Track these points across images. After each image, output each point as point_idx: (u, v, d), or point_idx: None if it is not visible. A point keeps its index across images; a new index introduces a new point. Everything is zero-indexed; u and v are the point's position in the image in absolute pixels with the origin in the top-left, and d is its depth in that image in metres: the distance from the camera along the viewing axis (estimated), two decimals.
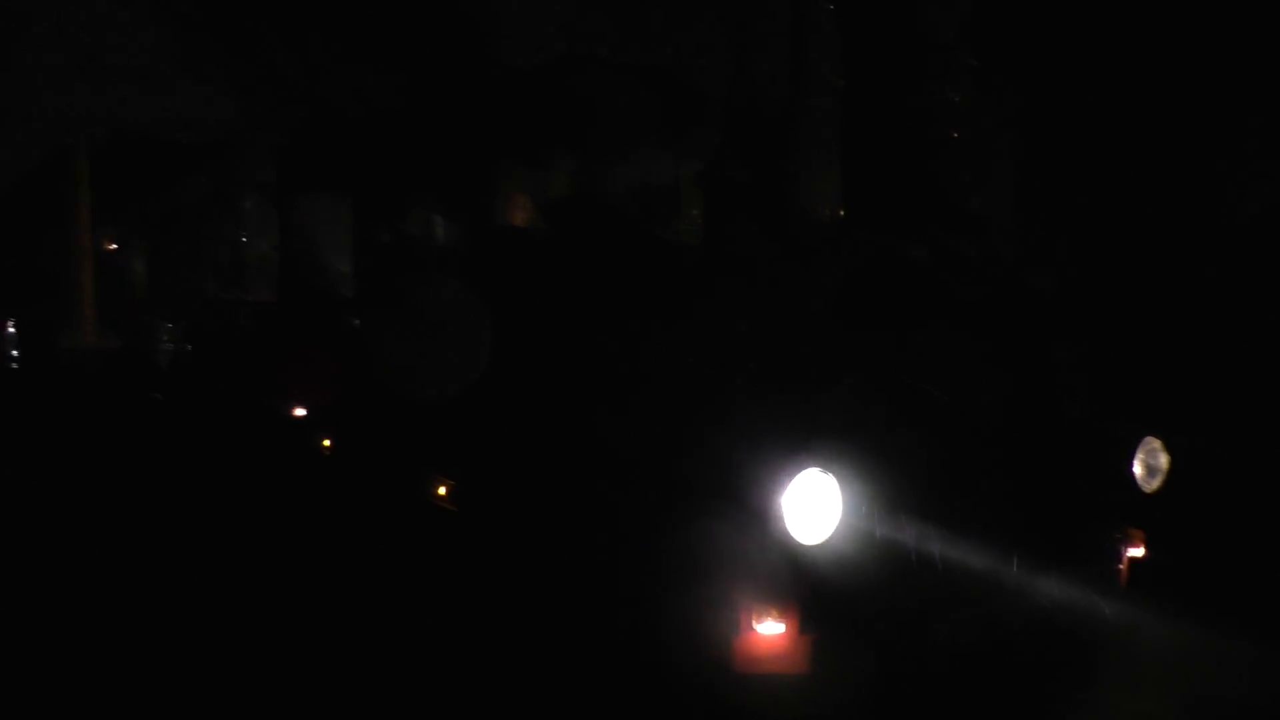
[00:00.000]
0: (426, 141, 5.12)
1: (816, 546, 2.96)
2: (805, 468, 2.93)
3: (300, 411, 8.27)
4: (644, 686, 3.30)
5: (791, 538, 2.93)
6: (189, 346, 11.65)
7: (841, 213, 3.68)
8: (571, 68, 5.18)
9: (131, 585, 5.47)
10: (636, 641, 3.38)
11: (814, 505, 2.93)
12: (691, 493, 3.15)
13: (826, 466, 2.96)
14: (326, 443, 6.51)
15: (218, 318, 10.17)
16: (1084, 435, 3.73)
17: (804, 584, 2.96)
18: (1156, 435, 3.68)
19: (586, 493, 3.67)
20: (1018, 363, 3.44)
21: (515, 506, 4.15)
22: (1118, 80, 9.92)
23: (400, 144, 4.80)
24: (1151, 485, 3.63)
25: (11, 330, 16.44)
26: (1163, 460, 3.65)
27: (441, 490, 4.84)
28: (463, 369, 4.75)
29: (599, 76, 5.26)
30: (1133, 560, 3.60)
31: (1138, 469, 3.61)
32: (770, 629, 2.96)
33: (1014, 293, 3.46)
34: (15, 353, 16.31)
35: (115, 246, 22.84)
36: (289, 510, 7.24)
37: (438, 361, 5.02)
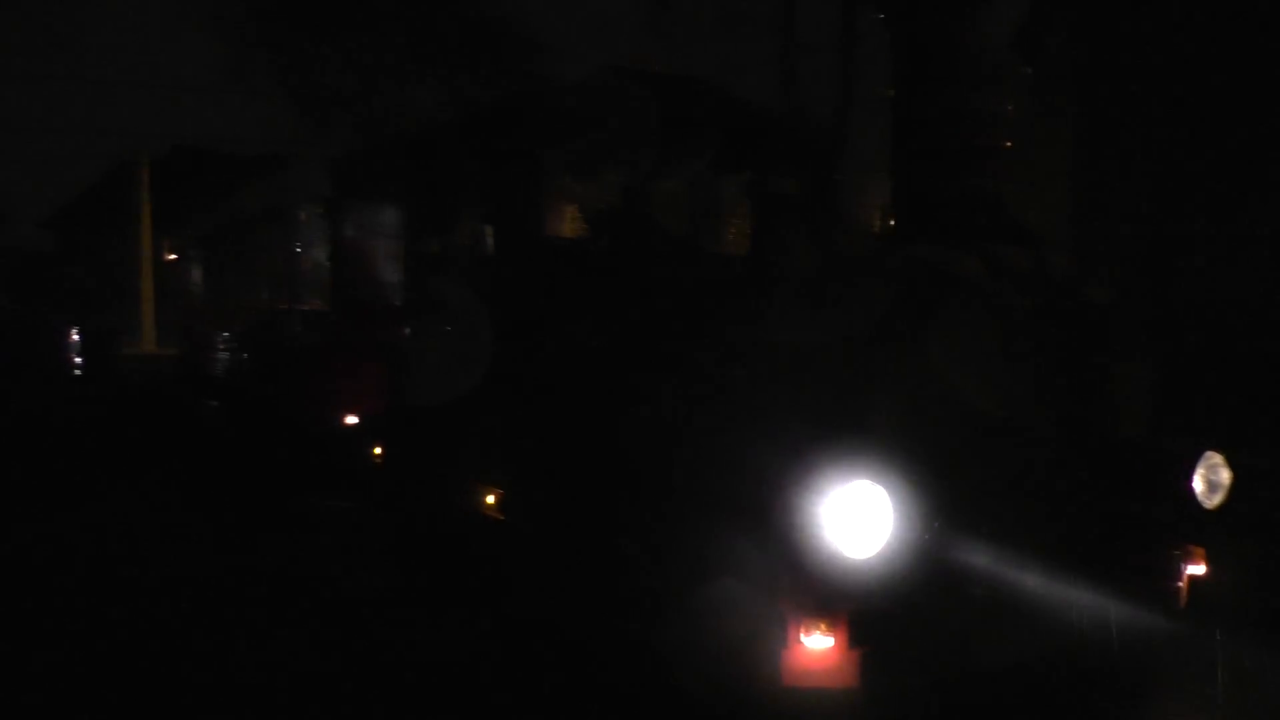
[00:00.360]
0: (475, 154, 5.17)
1: (866, 559, 2.93)
2: (855, 479, 2.91)
3: (351, 419, 8.38)
4: (691, 699, 3.28)
5: (840, 550, 2.90)
6: (244, 355, 11.87)
7: (891, 224, 3.65)
8: (618, 79, 5.19)
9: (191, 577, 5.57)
10: (683, 654, 3.36)
11: (863, 517, 2.90)
12: (739, 503, 3.13)
13: (876, 478, 2.93)
14: (377, 451, 6.57)
15: (271, 326, 10.36)
16: (1143, 450, 3.66)
17: (853, 597, 2.93)
18: (1218, 450, 3.59)
19: (633, 503, 3.67)
20: (1074, 376, 3.38)
21: (562, 516, 4.16)
22: (1176, 87, 9.75)
23: (450, 156, 4.85)
24: (1213, 501, 3.54)
25: (76, 338, 16.91)
26: (1225, 476, 3.56)
27: (489, 499, 4.87)
28: (506, 378, 4.78)
29: (645, 88, 5.28)
30: (1193, 578, 3.52)
31: (1198, 485, 3.52)
32: (818, 642, 2.93)
33: (1070, 305, 3.40)
34: (79, 359, 16.77)
35: (174, 257, 23.30)
36: (337, 512, 7.33)
37: (481, 370, 5.05)
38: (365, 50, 31.96)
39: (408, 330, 6.26)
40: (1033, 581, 3.22)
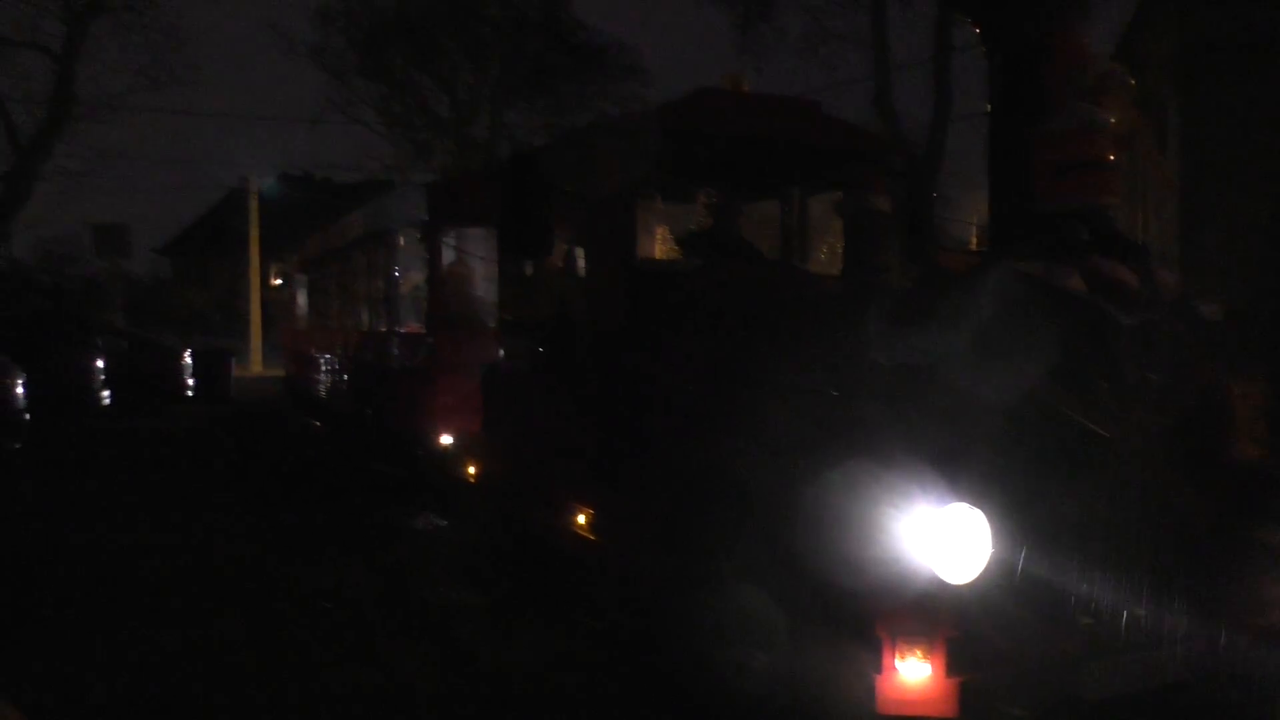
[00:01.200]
0: (568, 176, 5.23)
1: (965, 583, 2.85)
2: (953, 502, 2.84)
3: (447, 439, 8.53)
4: None
5: (937, 573, 2.83)
6: (344, 376, 12.19)
7: (990, 239, 3.56)
8: (710, 101, 5.20)
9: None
10: (777, 679, 3.32)
11: (962, 541, 2.83)
12: (834, 525, 3.08)
13: (975, 501, 2.85)
14: (471, 470, 6.67)
15: (370, 348, 10.62)
16: (1260, 473, 3.50)
17: (952, 623, 2.85)
18: None
19: (725, 525, 3.64)
20: (1186, 396, 3.25)
21: (656, 537, 4.15)
22: None
23: (543, 180, 4.91)
24: None
25: (189, 360, 17.62)
26: None
27: (581, 519, 4.90)
28: (600, 399, 4.81)
29: (738, 109, 5.27)
30: None
31: None
32: (915, 670, 2.86)
33: (1181, 322, 3.26)
34: (192, 381, 17.46)
35: (279, 281, 24.11)
36: (433, 529, 7.46)
37: (576, 391, 5.09)
38: (463, 77, 32.77)
39: (502, 351, 6.35)
40: (1142, 610, 3.10)
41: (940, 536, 2.82)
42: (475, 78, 32.89)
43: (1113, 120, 3.21)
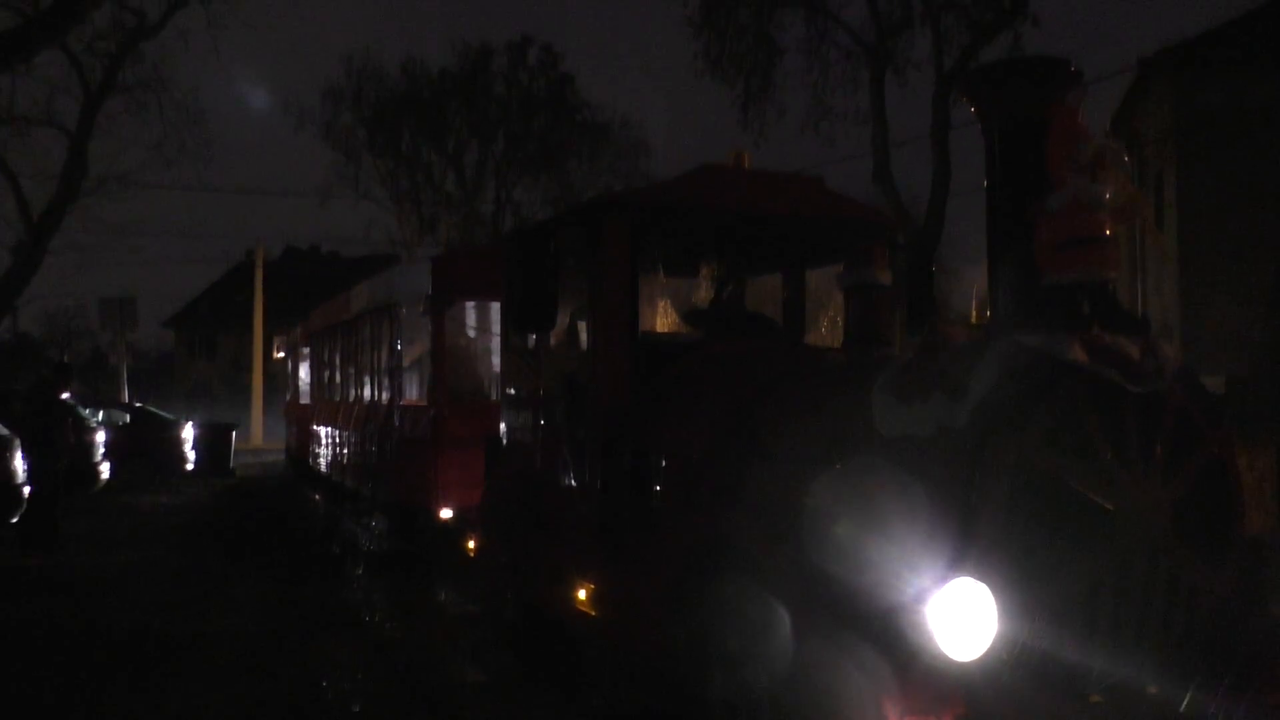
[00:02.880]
0: (572, 250, 5.29)
1: (972, 661, 2.80)
2: (957, 577, 2.81)
3: (446, 512, 8.49)
4: None
5: (943, 652, 2.79)
6: (344, 449, 12.17)
7: (989, 313, 3.58)
8: (713, 177, 5.28)
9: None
10: None
11: (967, 617, 2.79)
12: (837, 602, 3.05)
13: (981, 576, 2.82)
14: (471, 545, 6.62)
15: (371, 421, 10.61)
16: (1267, 546, 3.46)
17: (960, 701, 2.80)
18: None
19: (726, 601, 3.60)
20: (1190, 469, 3.23)
21: (655, 612, 4.10)
22: None
23: (547, 254, 4.96)
24: None
25: (189, 433, 17.60)
26: None
27: (583, 593, 4.84)
28: (609, 473, 4.79)
29: (741, 185, 5.34)
30: None
31: None
32: None
33: (1184, 394, 3.26)
34: (192, 454, 17.43)
35: (281, 355, 24.17)
36: (433, 601, 7.37)
37: (578, 465, 5.07)
38: (469, 153, 33.29)
39: (504, 424, 6.34)
40: (1151, 688, 3.04)
41: (946, 612, 2.78)
42: (482, 154, 33.43)
43: (1109, 195, 3.24)
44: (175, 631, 6.45)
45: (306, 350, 16.80)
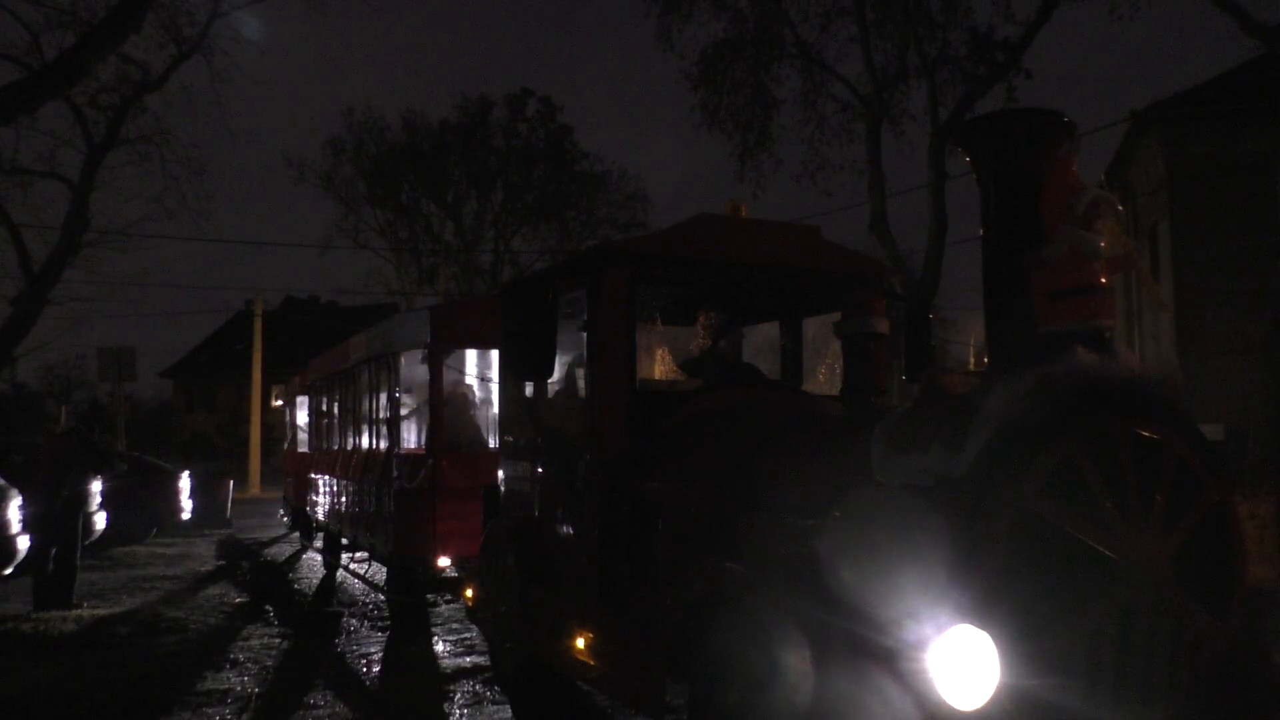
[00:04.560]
0: (569, 300, 5.32)
1: (973, 711, 2.77)
2: (958, 625, 2.79)
3: (444, 561, 8.43)
4: None
5: (945, 701, 2.76)
6: (343, 499, 12.11)
7: (986, 359, 3.59)
8: (710, 227, 5.32)
9: None
10: None
11: (969, 666, 2.76)
12: (838, 652, 3.02)
13: (982, 624, 2.80)
14: (469, 593, 6.57)
15: (372, 470, 10.57)
16: (1269, 598, 3.44)
17: None
18: None
19: (726, 652, 3.57)
20: (1192, 517, 3.22)
21: (649, 663, 4.06)
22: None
23: (545, 303, 4.99)
24: None
25: (186, 483, 17.51)
26: None
27: (580, 643, 4.80)
28: (607, 522, 4.77)
29: (738, 235, 5.38)
30: None
31: None
32: None
33: (1183, 442, 3.26)
34: (188, 504, 17.32)
35: (280, 403, 24.10)
36: (433, 654, 7.29)
37: (573, 512, 5.06)
38: (468, 204, 33.56)
39: (501, 473, 6.32)
40: None
41: (948, 660, 2.76)
42: (480, 204, 33.72)
43: (1104, 245, 3.27)
44: (170, 693, 6.37)
45: (305, 399, 16.78)
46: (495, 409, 8.80)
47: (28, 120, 15.54)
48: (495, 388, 8.52)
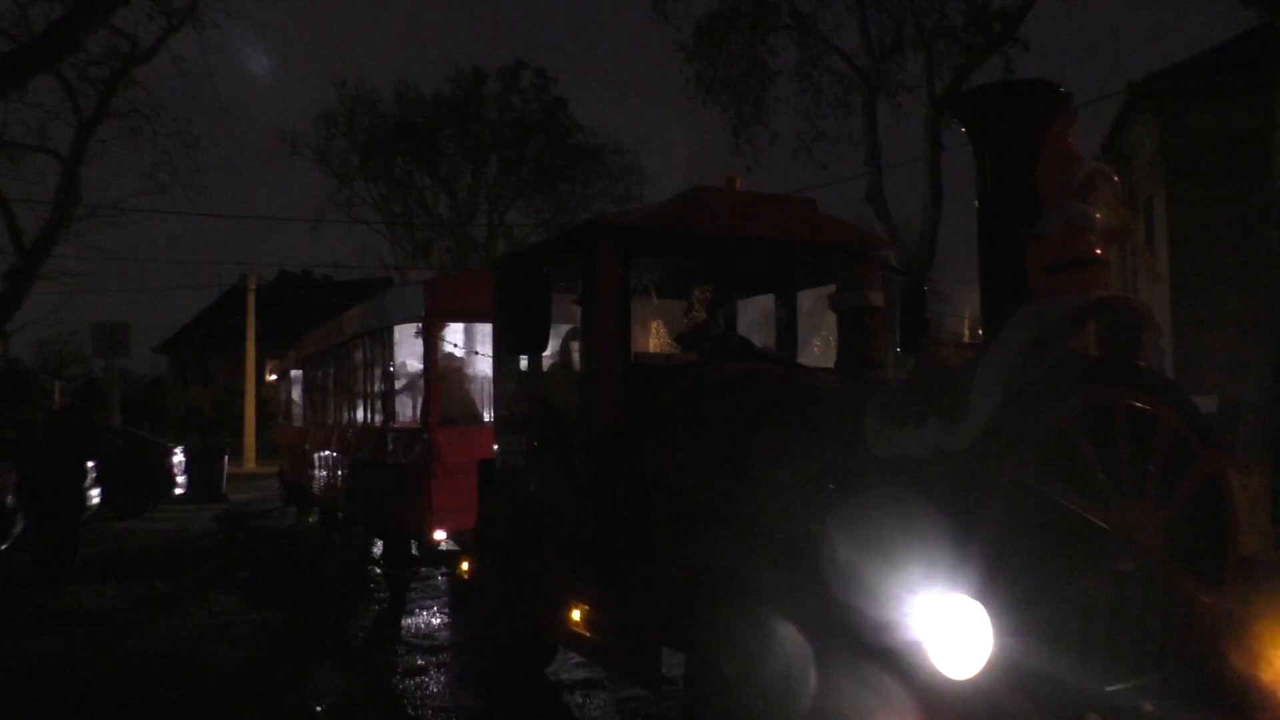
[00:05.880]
0: (565, 272, 5.29)
1: (966, 681, 2.79)
2: (953, 596, 2.80)
3: (440, 534, 8.44)
4: None
5: (939, 670, 2.78)
6: (339, 472, 12.12)
7: (980, 334, 3.59)
8: (706, 200, 5.29)
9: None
10: None
11: (963, 636, 2.78)
12: (833, 624, 3.04)
13: (976, 594, 2.81)
14: (464, 566, 6.59)
15: (367, 444, 10.57)
16: (1262, 570, 3.46)
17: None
18: None
19: (721, 625, 3.59)
20: (1184, 489, 3.23)
21: (646, 635, 4.08)
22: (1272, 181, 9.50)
23: (539, 277, 4.97)
24: None
25: (179, 458, 17.50)
26: None
27: (577, 615, 4.82)
28: (595, 494, 4.77)
29: (733, 208, 5.36)
30: None
31: None
32: None
33: (1176, 414, 3.27)
34: (183, 479, 17.32)
35: (274, 378, 24.09)
36: (428, 628, 7.32)
37: (570, 487, 5.06)
38: (462, 177, 33.37)
39: (497, 447, 6.32)
40: (1151, 706, 3.03)
41: (942, 631, 2.77)
42: (475, 177, 33.53)
43: (1100, 217, 3.26)
44: (167, 666, 6.40)
45: (299, 374, 16.74)
46: (490, 383, 8.79)
47: (17, 94, 15.38)
48: (490, 361, 8.51)
